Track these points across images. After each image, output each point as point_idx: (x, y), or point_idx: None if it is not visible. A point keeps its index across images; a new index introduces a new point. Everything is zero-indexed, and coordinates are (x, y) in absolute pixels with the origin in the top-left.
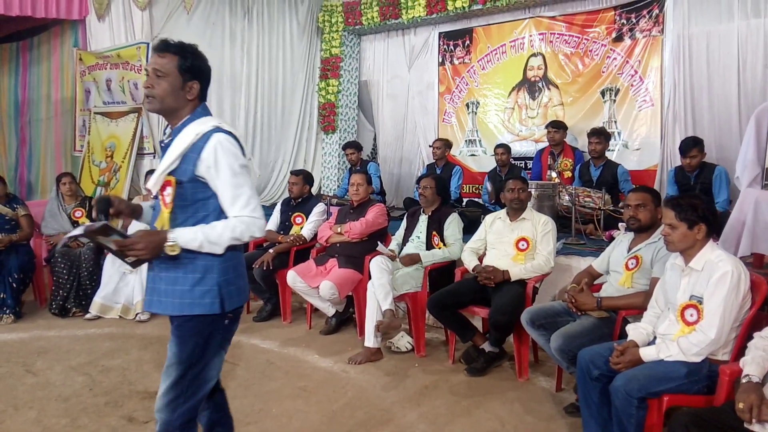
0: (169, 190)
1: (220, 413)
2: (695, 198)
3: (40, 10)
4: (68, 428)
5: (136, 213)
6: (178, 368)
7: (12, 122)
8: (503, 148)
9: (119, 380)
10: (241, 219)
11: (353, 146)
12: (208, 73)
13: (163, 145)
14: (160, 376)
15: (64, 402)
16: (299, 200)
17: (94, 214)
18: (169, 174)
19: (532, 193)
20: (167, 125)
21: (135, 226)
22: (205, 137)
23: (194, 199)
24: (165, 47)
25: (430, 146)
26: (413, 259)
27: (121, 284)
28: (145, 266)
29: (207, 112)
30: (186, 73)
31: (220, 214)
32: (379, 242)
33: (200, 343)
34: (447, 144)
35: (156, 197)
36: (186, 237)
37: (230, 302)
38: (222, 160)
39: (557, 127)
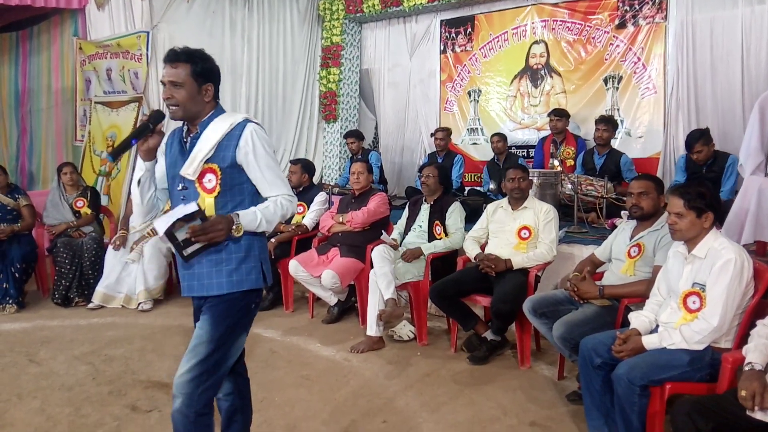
0: (211, 177)
1: (243, 401)
2: (702, 186)
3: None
4: (72, 417)
5: (154, 151)
6: (208, 346)
7: (12, 112)
8: (498, 137)
9: (122, 369)
10: (284, 197)
11: (354, 135)
12: (219, 74)
13: (185, 141)
14: (162, 364)
15: (68, 391)
16: (300, 189)
17: (144, 120)
18: (207, 162)
19: (534, 181)
20: (183, 124)
21: (134, 220)
22: (240, 126)
23: (232, 183)
24: (175, 57)
25: (432, 135)
26: (415, 254)
27: (124, 274)
28: (148, 255)
29: (223, 109)
30: (200, 78)
31: (254, 197)
32: (383, 232)
33: (232, 324)
34: (449, 132)
35: (185, 187)
36: (248, 218)
37: (268, 277)
38: (259, 146)
39: (560, 115)
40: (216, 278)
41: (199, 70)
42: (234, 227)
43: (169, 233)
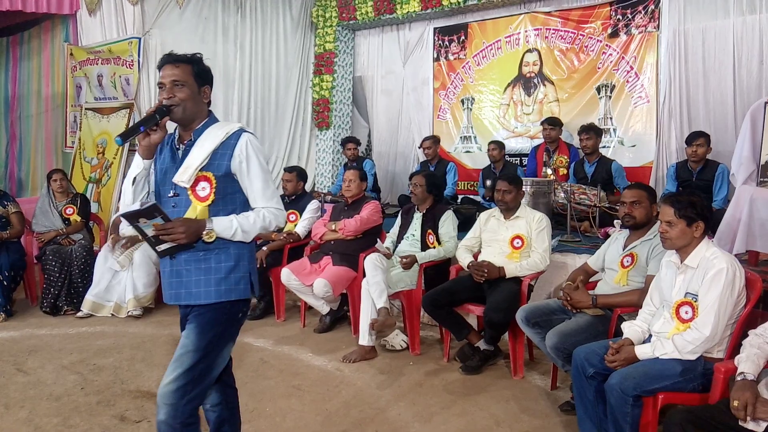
0: (204, 185)
1: (231, 412)
2: (693, 195)
3: (30, 5)
4: (60, 427)
5: (155, 148)
6: (194, 356)
7: (2, 118)
8: (495, 144)
9: (111, 379)
10: (269, 210)
11: (354, 141)
12: (213, 79)
13: (177, 147)
14: (151, 374)
15: (56, 401)
16: (293, 197)
17: (150, 111)
18: (202, 170)
19: (527, 190)
20: (174, 130)
21: (122, 228)
22: (236, 135)
23: (225, 192)
24: (177, 59)
25: (419, 147)
26: (413, 262)
27: (113, 282)
28: (137, 263)
29: (216, 118)
30: (199, 79)
31: (245, 207)
32: (378, 240)
33: (219, 333)
34: (436, 140)
35: (177, 194)
36: (222, 225)
37: (256, 288)
38: (253, 156)
39: (553, 124)
40: (204, 287)
41: (198, 71)
42: (205, 232)
43: (136, 227)
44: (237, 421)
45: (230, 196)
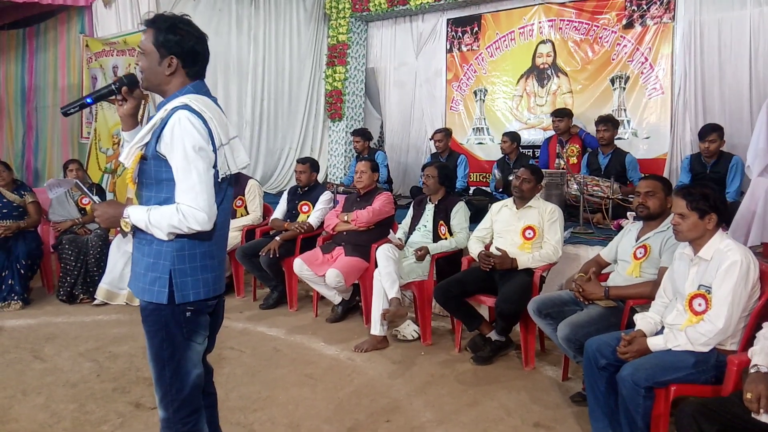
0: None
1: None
2: (706, 187)
3: None
4: (76, 414)
5: (132, 119)
6: (154, 366)
7: (19, 109)
8: (506, 137)
9: (126, 366)
10: (180, 207)
11: (359, 134)
12: (188, 48)
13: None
14: None
15: (72, 388)
16: (305, 189)
17: (114, 82)
18: (141, 149)
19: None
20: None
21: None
22: (170, 113)
23: (158, 178)
24: (146, 22)
25: (430, 139)
26: (426, 252)
27: (126, 270)
28: None
29: (197, 91)
30: (161, 48)
31: None
32: (391, 231)
33: (164, 338)
34: (448, 133)
35: None
36: (137, 215)
37: (183, 294)
38: (177, 139)
39: (560, 115)
40: (134, 280)
41: (161, 40)
42: (123, 219)
43: (93, 204)
44: (212, 399)
45: (165, 183)
